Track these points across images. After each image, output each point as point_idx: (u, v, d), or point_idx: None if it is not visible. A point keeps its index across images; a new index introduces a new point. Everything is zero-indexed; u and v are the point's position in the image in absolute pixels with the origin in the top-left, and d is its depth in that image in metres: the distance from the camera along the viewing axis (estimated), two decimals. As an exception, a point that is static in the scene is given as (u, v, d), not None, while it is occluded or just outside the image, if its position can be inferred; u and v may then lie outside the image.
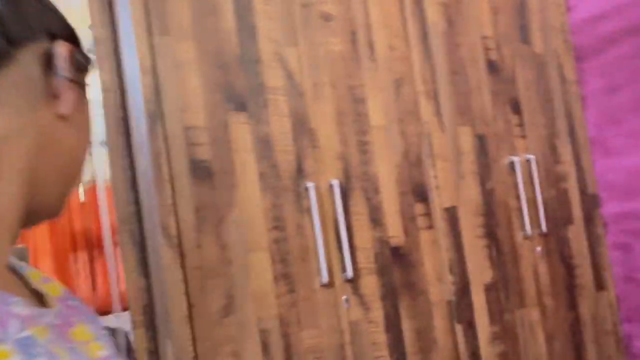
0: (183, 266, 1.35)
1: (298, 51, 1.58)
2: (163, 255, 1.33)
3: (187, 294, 1.34)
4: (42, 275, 0.56)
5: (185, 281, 1.34)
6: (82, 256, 3.59)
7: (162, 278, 1.39)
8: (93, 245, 3.51)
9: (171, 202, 1.35)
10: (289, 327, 1.48)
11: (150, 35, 1.37)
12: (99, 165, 1.72)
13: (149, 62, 1.36)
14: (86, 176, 2.33)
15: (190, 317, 1.34)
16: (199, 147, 1.40)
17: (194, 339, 1.34)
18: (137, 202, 1.51)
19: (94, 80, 1.66)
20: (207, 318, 1.37)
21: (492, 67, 1.96)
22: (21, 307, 0.39)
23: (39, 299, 0.50)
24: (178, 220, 1.35)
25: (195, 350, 1.34)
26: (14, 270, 0.51)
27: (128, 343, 2.43)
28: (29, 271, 0.54)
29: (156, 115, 1.35)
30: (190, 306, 1.34)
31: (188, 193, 1.37)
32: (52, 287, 0.55)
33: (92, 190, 2.48)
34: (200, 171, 1.40)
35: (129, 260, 1.51)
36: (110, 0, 1.54)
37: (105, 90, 1.51)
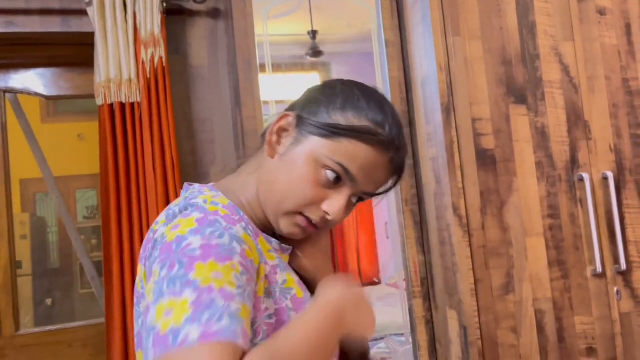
0: (470, 244, 1.49)
1: (574, 46, 1.62)
2: (453, 233, 1.49)
3: (474, 269, 1.48)
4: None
5: (472, 258, 1.48)
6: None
7: (447, 254, 1.55)
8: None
9: (461, 186, 1.50)
10: (563, 311, 1.53)
11: (445, 36, 1.53)
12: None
13: (444, 60, 1.52)
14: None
15: (476, 291, 1.47)
16: (485, 137, 1.53)
17: (478, 311, 1.47)
18: (417, 186, 1.69)
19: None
20: (490, 293, 1.49)
21: None
22: (274, 243, 0.77)
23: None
24: (466, 202, 1.49)
25: (479, 321, 1.47)
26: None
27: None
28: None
29: (449, 108, 1.51)
30: (476, 281, 1.48)
31: (475, 179, 1.51)
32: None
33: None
34: (485, 159, 1.52)
35: (410, 238, 1.70)
36: (399, 8, 1.74)
37: (392, 86, 1.71)
